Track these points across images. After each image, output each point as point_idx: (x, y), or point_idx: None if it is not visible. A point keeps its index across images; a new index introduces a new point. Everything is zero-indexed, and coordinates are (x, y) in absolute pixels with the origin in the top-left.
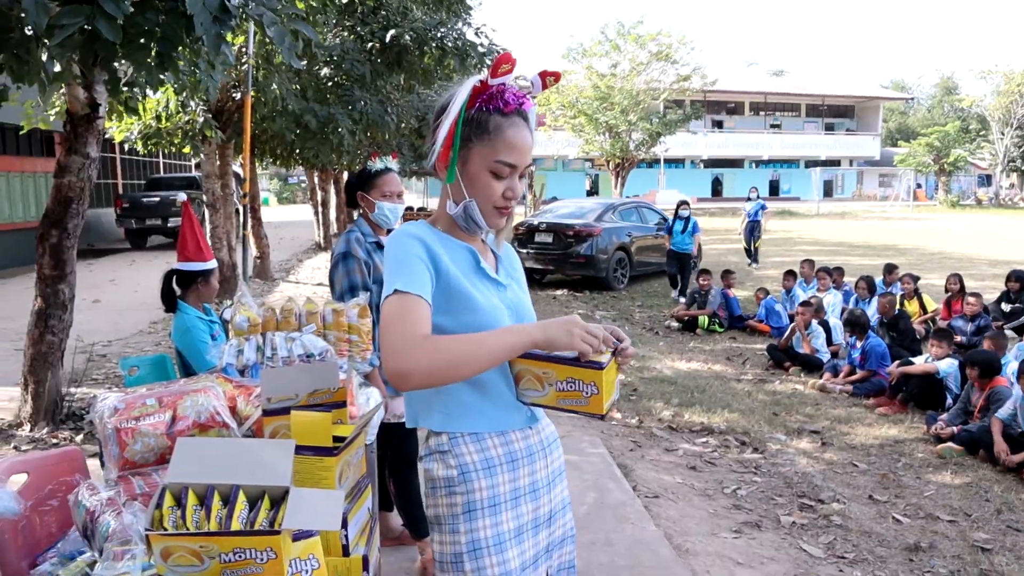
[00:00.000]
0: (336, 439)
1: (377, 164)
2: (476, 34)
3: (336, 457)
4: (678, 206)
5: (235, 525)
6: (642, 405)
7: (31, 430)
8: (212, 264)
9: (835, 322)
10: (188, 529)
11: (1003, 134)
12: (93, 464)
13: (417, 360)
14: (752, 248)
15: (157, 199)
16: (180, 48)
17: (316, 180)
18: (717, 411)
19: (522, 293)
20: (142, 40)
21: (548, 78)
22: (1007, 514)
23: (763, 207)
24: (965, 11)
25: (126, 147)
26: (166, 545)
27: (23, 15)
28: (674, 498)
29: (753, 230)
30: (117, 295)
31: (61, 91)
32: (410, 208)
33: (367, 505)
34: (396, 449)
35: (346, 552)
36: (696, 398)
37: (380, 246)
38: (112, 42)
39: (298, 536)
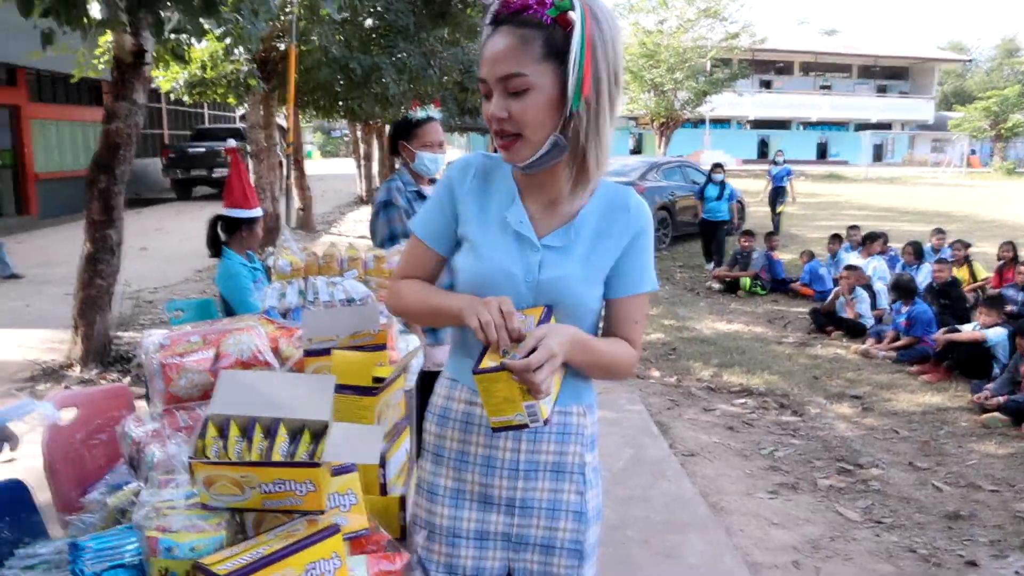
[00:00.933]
0: (376, 380)
1: (419, 113)
2: None
3: (376, 397)
4: (712, 169)
5: (276, 457)
6: (681, 364)
7: (81, 371)
8: (257, 212)
9: (880, 287)
10: (230, 459)
11: None
12: (139, 404)
13: (388, 299)
14: (774, 215)
15: (203, 150)
16: None
17: (359, 133)
18: (757, 373)
19: (577, 266)
20: None
21: None
22: None
23: (789, 172)
24: None
25: (172, 97)
26: (209, 474)
27: None
28: (711, 457)
29: (777, 196)
30: (163, 243)
31: (108, 39)
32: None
33: (405, 447)
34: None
35: (384, 491)
36: (735, 359)
37: (421, 195)
38: None
39: (337, 471)
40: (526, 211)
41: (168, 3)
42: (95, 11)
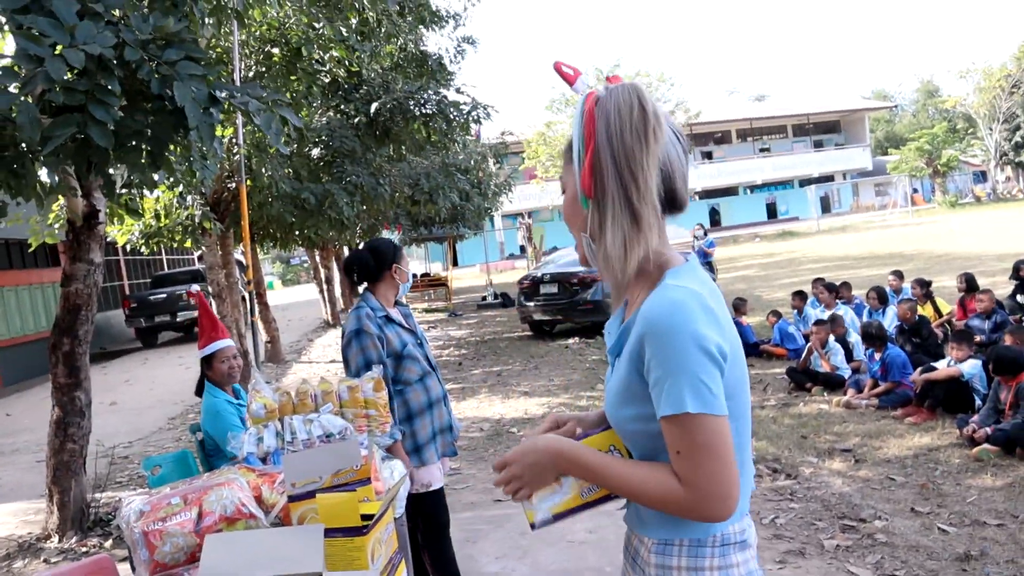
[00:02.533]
0: (364, 517)
1: (397, 236)
2: (457, 92)
3: (366, 536)
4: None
5: None
6: None
7: (59, 541)
8: (219, 344)
9: (855, 338)
10: None
11: (991, 129)
12: (124, 569)
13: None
14: None
15: (164, 295)
16: (172, 146)
17: (318, 258)
18: None
19: (614, 380)
20: (133, 142)
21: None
22: None
23: (712, 245)
24: (937, 13)
25: (128, 248)
26: None
27: (16, 132)
28: None
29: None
30: (133, 395)
31: (60, 203)
32: (413, 275)
33: None
34: (428, 519)
35: None
36: None
37: (390, 319)
38: (104, 148)
39: None
40: (619, 318)
41: (116, 164)
42: (44, 177)
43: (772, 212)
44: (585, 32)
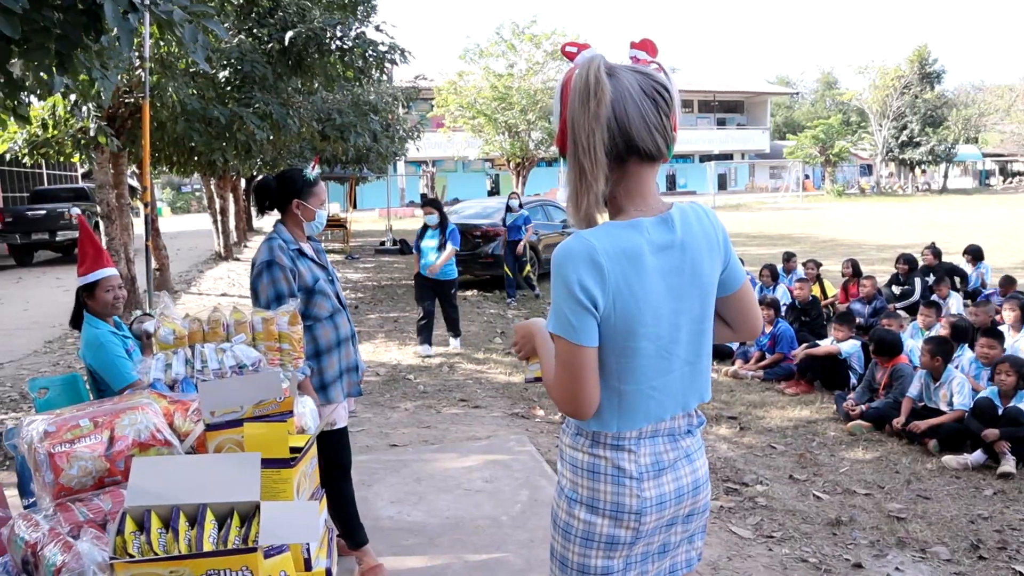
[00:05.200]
0: (293, 450)
1: (316, 171)
2: (377, 30)
3: (294, 468)
4: (509, 197)
5: (207, 546)
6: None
7: None
8: (103, 273)
9: None
10: (156, 554)
11: (881, 126)
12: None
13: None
14: (515, 274)
15: (44, 212)
16: (80, 49)
17: (213, 187)
18: None
19: None
20: (39, 40)
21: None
22: (916, 484)
23: (528, 220)
24: (841, 8)
25: (7, 158)
26: (133, 573)
27: None
28: None
29: (513, 251)
30: (6, 315)
31: None
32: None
33: (323, 516)
34: (329, 458)
35: (308, 566)
36: None
37: (302, 253)
38: (8, 41)
39: (268, 553)
40: None
41: (17, 60)
42: None
43: (671, 184)
44: None
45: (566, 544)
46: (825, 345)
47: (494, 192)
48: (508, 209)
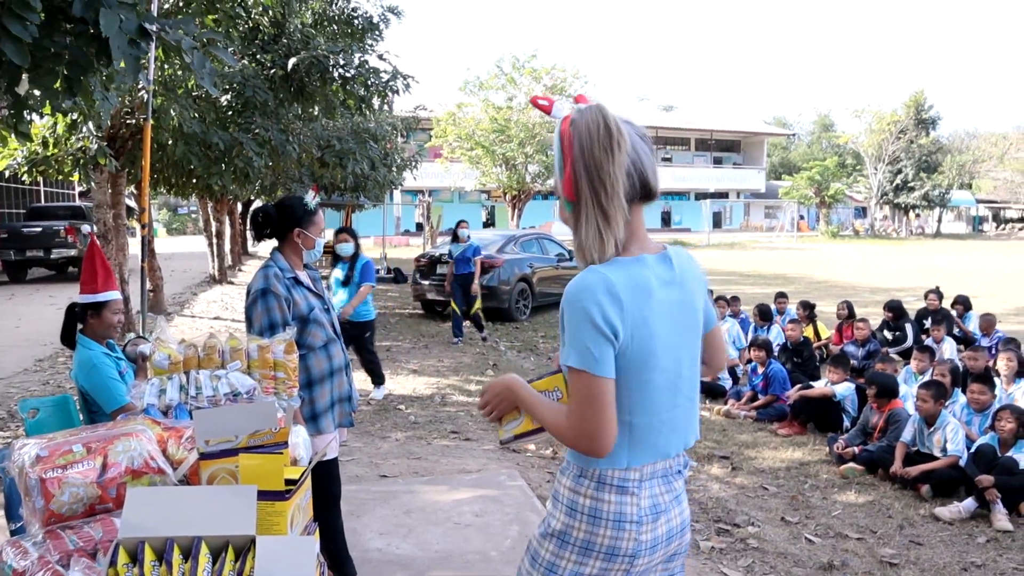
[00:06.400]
0: (288, 482)
1: (316, 200)
2: (380, 58)
3: (289, 501)
4: (457, 225)
5: None
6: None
7: None
8: (109, 295)
9: (727, 350)
10: None
11: (876, 169)
12: None
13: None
14: (466, 310)
15: (39, 229)
16: (90, 73)
17: (210, 210)
18: None
19: None
20: (48, 64)
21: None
22: (908, 529)
23: (476, 251)
24: (839, 52)
25: (5, 174)
26: None
27: None
28: None
29: (464, 285)
30: None
31: None
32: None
33: (316, 550)
34: (319, 489)
35: None
36: None
37: (298, 281)
38: (17, 66)
39: None
40: None
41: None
42: None
43: (666, 220)
44: (506, 19)
45: None
46: (819, 387)
47: (489, 224)
48: (455, 239)
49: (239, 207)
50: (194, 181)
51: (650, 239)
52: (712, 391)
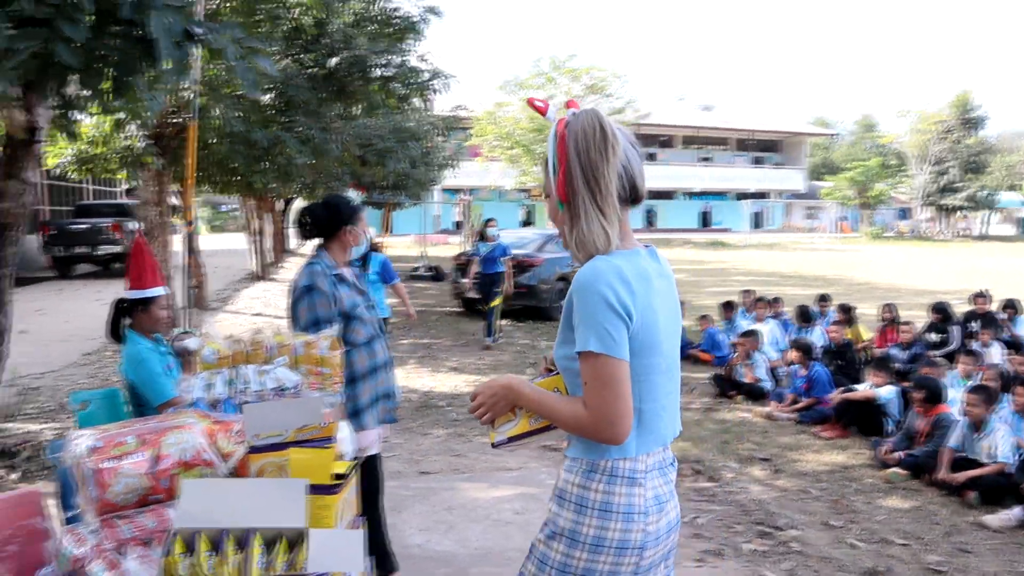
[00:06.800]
0: (336, 476)
1: (360, 197)
2: (421, 59)
3: (337, 495)
4: (485, 224)
5: (254, 571)
6: None
7: None
8: (155, 291)
9: (768, 350)
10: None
11: (920, 170)
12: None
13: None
14: (488, 310)
15: (86, 226)
16: (136, 74)
17: (252, 208)
18: None
19: (558, 332)
20: (97, 65)
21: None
22: (956, 536)
23: (506, 251)
24: (883, 52)
25: (52, 173)
26: None
27: None
28: None
29: (493, 285)
30: (45, 325)
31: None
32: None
33: (364, 543)
34: (361, 485)
35: None
36: None
37: (342, 278)
38: (67, 66)
39: None
40: None
41: (76, 85)
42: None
43: (706, 221)
44: (545, 20)
45: None
46: (862, 390)
47: (528, 223)
48: (482, 238)
49: (280, 205)
50: (237, 179)
51: (635, 239)
52: (753, 393)
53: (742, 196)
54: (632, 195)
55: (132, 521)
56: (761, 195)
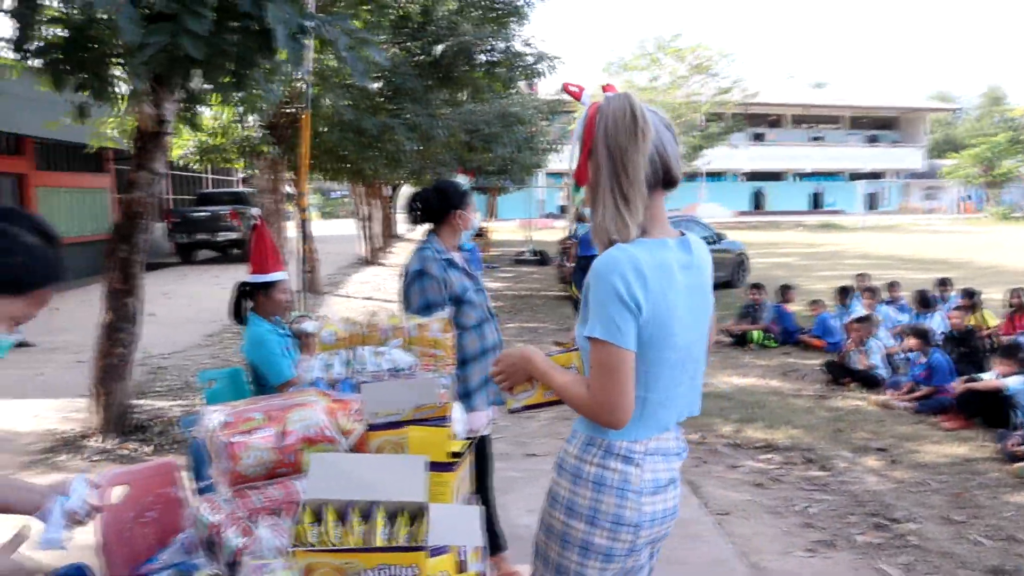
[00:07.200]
0: (452, 455)
1: (468, 182)
2: (525, 44)
3: (454, 473)
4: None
5: (377, 541)
6: (701, 420)
7: (100, 441)
8: (275, 276)
9: (881, 337)
10: (332, 545)
11: None
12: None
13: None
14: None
15: (207, 214)
16: (254, 67)
17: (361, 195)
18: (779, 427)
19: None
20: (219, 59)
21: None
22: None
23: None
24: (1010, 20)
25: (178, 163)
26: (311, 561)
27: (103, 34)
28: (744, 515)
29: (585, 268)
30: (171, 309)
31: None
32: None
33: (481, 518)
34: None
35: (463, 568)
36: (756, 414)
37: (452, 263)
38: (192, 60)
39: (432, 552)
40: None
41: (199, 78)
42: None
43: (817, 202)
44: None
45: (563, 552)
46: (988, 379)
47: None
48: (579, 219)
49: (388, 191)
50: (347, 166)
51: (669, 224)
52: (867, 380)
53: (856, 176)
54: (666, 179)
55: (262, 492)
56: (876, 175)
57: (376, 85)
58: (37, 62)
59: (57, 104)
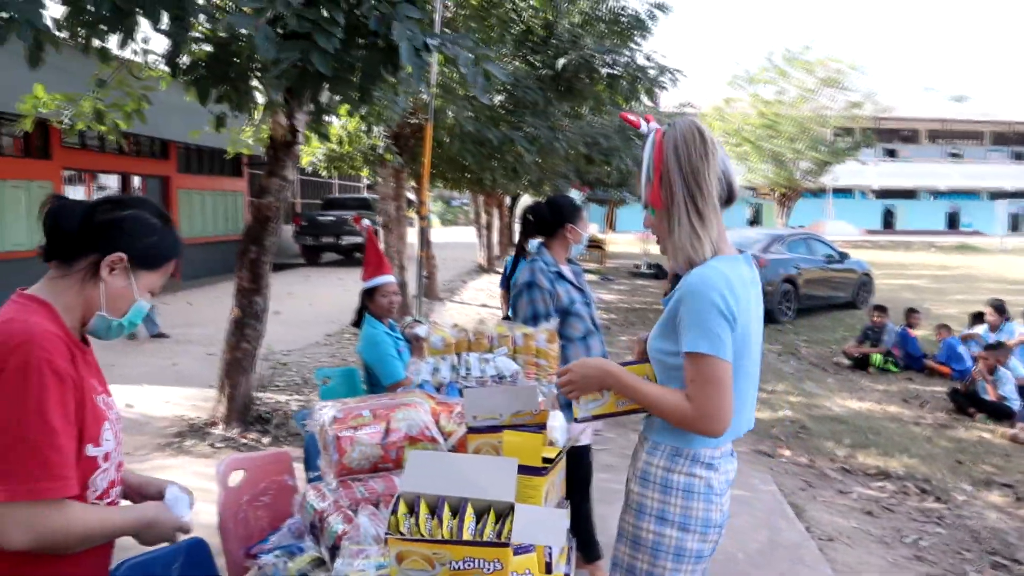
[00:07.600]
0: (545, 460)
1: (581, 197)
2: (647, 59)
3: (545, 477)
4: None
5: (466, 535)
6: (812, 444)
7: (224, 429)
8: (380, 280)
9: (1016, 367)
10: (424, 536)
11: None
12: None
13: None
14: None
15: (332, 218)
16: (380, 81)
17: (481, 204)
18: (894, 455)
19: (657, 326)
20: (346, 74)
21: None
22: None
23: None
24: None
25: (308, 169)
26: (402, 549)
27: (243, 51)
28: (850, 543)
29: None
30: (294, 308)
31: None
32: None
33: (567, 521)
34: (571, 473)
35: (549, 570)
36: (870, 440)
37: (562, 275)
38: (322, 75)
39: (517, 551)
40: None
41: (328, 92)
42: (257, 95)
43: (952, 222)
44: (779, 10)
45: (655, 562)
46: None
47: (755, 222)
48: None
49: (507, 201)
50: (467, 176)
51: (730, 243)
52: (997, 412)
53: (996, 195)
54: (729, 195)
55: (365, 484)
56: (1020, 194)
57: (498, 98)
58: (185, 76)
59: (199, 113)
